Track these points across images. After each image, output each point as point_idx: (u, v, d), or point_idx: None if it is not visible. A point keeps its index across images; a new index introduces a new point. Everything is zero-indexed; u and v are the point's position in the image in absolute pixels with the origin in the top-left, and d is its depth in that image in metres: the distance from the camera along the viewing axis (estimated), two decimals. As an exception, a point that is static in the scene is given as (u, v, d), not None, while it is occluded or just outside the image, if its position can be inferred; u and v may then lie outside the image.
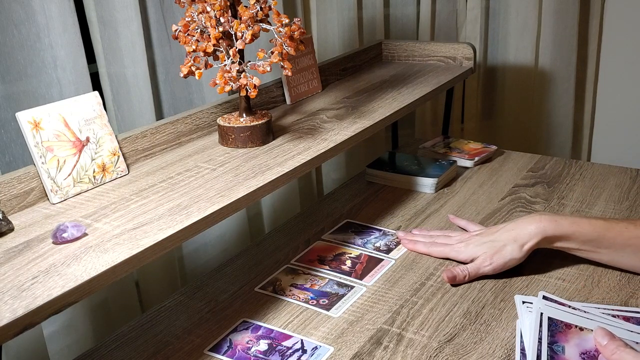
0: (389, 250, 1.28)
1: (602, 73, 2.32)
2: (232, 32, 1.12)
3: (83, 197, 1.02)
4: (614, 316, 0.78)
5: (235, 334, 1.05)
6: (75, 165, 1.03)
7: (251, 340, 1.03)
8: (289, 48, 1.13)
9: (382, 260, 1.25)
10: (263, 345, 1.02)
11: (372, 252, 1.28)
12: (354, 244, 1.31)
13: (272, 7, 1.15)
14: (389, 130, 2.02)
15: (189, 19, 1.13)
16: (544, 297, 0.75)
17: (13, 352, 1.28)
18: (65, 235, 0.86)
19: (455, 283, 1.14)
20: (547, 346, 0.69)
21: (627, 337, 0.72)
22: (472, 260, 1.16)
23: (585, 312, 0.75)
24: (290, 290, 1.17)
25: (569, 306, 0.76)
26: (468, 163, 1.66)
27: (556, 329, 0.69)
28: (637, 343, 0.71)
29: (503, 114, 2.37)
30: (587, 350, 0.69)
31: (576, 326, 0.70)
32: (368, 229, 1.38)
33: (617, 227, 1.08)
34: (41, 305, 0.72)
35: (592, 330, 0.71)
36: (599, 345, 0.70)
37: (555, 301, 0.78)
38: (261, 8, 1.13)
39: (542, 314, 0.71)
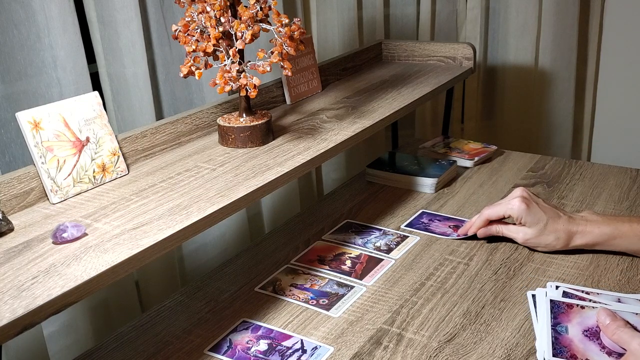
0: (389, 250, 1.28)
1: (602, 73, 2.32)
2: (232, 32, 1.12)
3: (83, 197, 1.02)
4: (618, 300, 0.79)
5: (235, 334, 1.05)
6: (75, 165, 1.03)
7: (251, 340, 1.03)
8: (289, 48, 1.13)
9: (382, 260, 1.25)
10: (263, 345, 1.02)
11: (372, 252, 1.28)
12: (354, 244, 1.31)
13: (272, 7, 1.15)
14: (389, 130, 2.02)
15: (189, 19, 1.13)
16: (552, 287, 0.77)
17: (13, 352, 1.28)
18: (65, 235, 0.86)
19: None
20: (551, 328, 0.70)
21: (630, 319, 0.73)
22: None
23: (588, 293, 0.77)
24: (290, 290, 1.17)
25: (577, 290, 0.77)
26: (468, 163, 1.66)
27: (558, 311, 0.71)
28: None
29: (503, 114, 2.37)
30: (589, 327, 0.70)
31: (577, 305, 0.72)
32: (368, 228, 1.38)
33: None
34: (41, 305, 0.72)
35: (592, 307, 0.73)
36: (602, 325, 0.72)
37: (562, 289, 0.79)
38: (261, 8, 1.13)
39: (546, 299, 0.73)
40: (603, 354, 0.69)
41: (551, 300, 0.72)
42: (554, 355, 0.68)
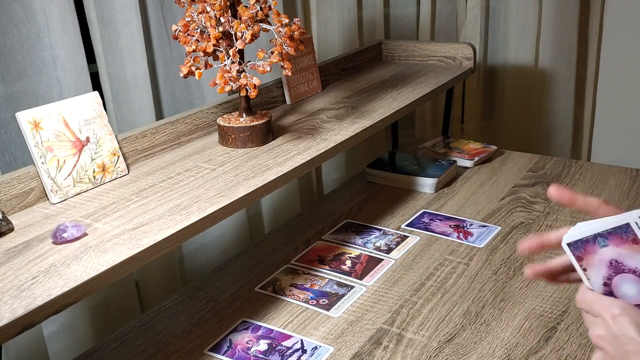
0: (389, 250, 1.28)
1: (602, 73, 2.32)
2: (232, 32, 1.12)
3: (83, 197, 1.02)
4: None
5: (235, 334, 1.05)
6: (75, 165, 1.03)
7: (251, 340, 1.03)
8: (289, 48, 1.13)
9: (382, 260, 1.25)
10: (263, 345, 1.02)
11: (372, 252, 1.28)
12: (354, 244, 1.31)
13: (272, 7, 1.15)
14: (389, 130, 2.02)
15: (189, 19, 1.13)
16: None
17: (13, 352, 1.28)
18: (65, 235, 0.86)
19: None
20: (594, 234, 0.62)
21: None
22: None
23: None
24: (290, 290, 1.17)
25: None
26: (468, 163, 1.66)
27: (621, 233, 0.62)
28: None
29: (503, 114, 2.37)
30: (624, 264, 0.60)
31: None
32: (368, 228, 1.38)
33: None
34: (41, 305, 0.72)
35: None
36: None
37: None
38: (261, 8, 1.13)
39: (628, 222, 0.61)
40: (601, 282, 0.62)
41: (628, 224, 0.61)
42: (568, 245, 0.61)
